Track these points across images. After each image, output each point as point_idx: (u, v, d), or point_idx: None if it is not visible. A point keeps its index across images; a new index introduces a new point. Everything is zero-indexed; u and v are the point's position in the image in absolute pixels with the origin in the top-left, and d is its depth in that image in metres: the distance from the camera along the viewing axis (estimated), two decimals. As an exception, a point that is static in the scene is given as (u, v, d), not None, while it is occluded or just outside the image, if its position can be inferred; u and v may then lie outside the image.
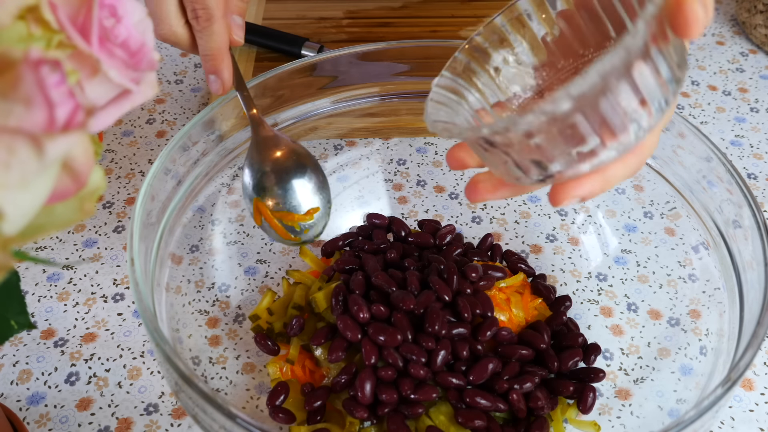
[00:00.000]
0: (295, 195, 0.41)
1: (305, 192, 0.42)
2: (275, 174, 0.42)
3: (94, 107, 0.19)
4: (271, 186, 0.42)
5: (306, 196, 0.42)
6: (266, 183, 0.42)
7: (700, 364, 0.42)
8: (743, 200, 0.39)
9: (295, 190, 0.41)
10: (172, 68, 0.70)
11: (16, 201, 0.17)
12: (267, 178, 0.42)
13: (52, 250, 0.52)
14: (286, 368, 0.43)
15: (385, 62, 0.50)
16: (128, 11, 0.22)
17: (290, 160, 0.42)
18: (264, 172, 0.42)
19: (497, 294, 0.45)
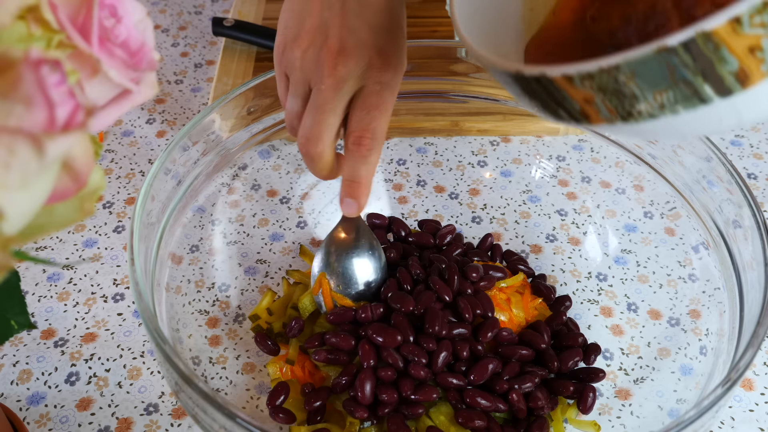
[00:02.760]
0: (356, 285, 0.44)
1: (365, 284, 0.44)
2: (346, 260, 0.44)
3: (94, 107, 0.19)
4: (338, 269, 0.44)
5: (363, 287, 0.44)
6: (336, 265, 0.44)
7: (700, 364, 0.42)
8: (743, 200, 0.39)
9: (358, 283, 0.44)
10: (172, 68, 0.70)
11: (16, 201, 0.17)
12: (339, 260, 0.44)
13: (52, 250, 0.52)
14: (286, 368, 0.43)
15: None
16: (128, 11, 0.22)
17: (364, 253, 0.44)
18: (339, 254, 0.44)
19: (497, 294, 0.45)
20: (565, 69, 0.24)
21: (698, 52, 0.22)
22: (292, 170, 0.54)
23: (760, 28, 0.22)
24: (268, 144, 0.51)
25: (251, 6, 0.74)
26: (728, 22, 0.22)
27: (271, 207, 0.53)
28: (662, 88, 0.24)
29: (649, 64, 0.23)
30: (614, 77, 0.24)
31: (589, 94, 0.25)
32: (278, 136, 0.50)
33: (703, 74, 0.23)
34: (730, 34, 0.22)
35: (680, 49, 0.22)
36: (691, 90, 0.24)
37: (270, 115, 0.48)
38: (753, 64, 0.22)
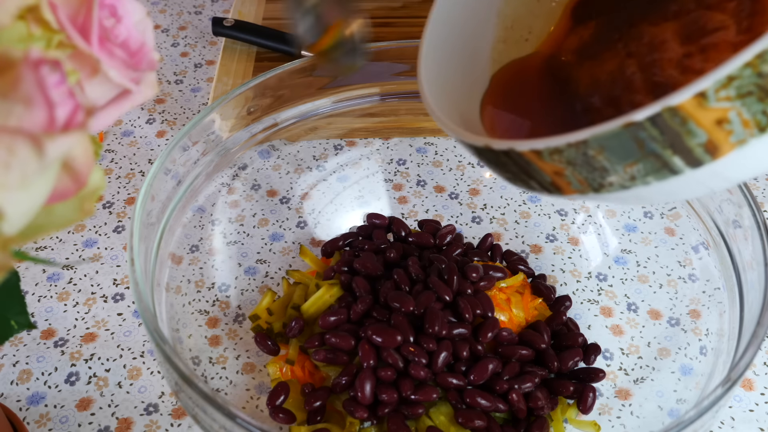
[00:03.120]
0: None
1: None
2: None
3: (94, 107, 0.19)
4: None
5: None
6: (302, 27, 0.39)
7: (700, 364, 0.42)
8: (743, 200, 0.39)
9: None
10: (172, 68, 0.70)
11: (16, 201, 0.17)
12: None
13: (52, 250, 0.52)
14: (286, 368, 0.43)
15: (385, 62, 0.50)
16: (128, 11, 0.22)
17: None
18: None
19: (497, 294, 0.45)
20: (534, 144, 0.25)
21: (665, 126, 0.22)
22: (292, 170, 0.54)
23: (725, 101, 0.22)
24: (268, 144, 0.51)
25: (251, 6, 0.74)
26: (693, 96, 0.22)
27: (271, 207, 0.53)
28: (632, 161, 0.24)
29: (617, 138, 0.23)
30: (583, 152, 0.24)
31: (559, 168, 0.25)
32: (278, 136, 0.50)
33: (672, 147, 0.23)
34: (696, 108, 0.22)
35: (647, 123, 0.22)
36: (660, 162, 0.24)
37: (270, 115, 0.48)
38: (721, 136, 0.23)
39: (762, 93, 0.22)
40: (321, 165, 0.54)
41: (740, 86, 0.21)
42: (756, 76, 0.21)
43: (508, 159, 0.26)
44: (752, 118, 0.22)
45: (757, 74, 0.21)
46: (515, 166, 0.26)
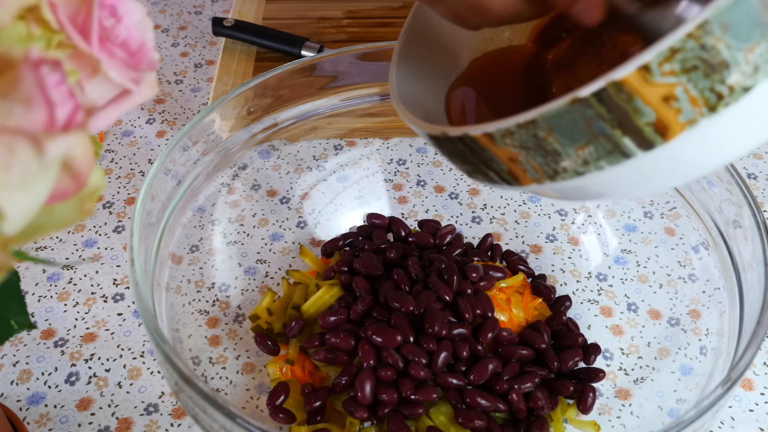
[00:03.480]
0: None
1: None
2: None
3: (94, 107, 0.19)
4: None
5: None
6: None
7: (700, 364, 0.42)
8: (743, 200, 0.39)
9: None
10: (172, 68, 0.70)
11: (16, 201, 0.17)
12: None
13: (52, 250, 0.52)
14: (286, 368, 0.43)
15: (385, 62, 0.50)
16: (128, 11, 0.22)
17: None
18: None
19: (497, 294, 0.45)
20: (485, 128, 0.24)
21: (612, 102, 0.22)
22: (292, 170, 0.54)
23: (671, 76, 0.21)
24: (268, 144, 0.51)
25: (251, 6, 0.74)
26: (637, 70, 0.21)
27: (271, 207, 0.53)
28: (582, 142, 0.23)
29: (565, 117, 0.23)
30: (533, 133, 0.24)
31: (513, 153, 0.25)
32: (278, 136, 0.50)
33: (620, 126, 0.23)
34: (641, 83, 0.21)
35: (593, 100, 0.22)
36: (611, 144, 0.23)
37: (270, 115, 0.48)
38: (670, 115, 0.22)
39: (708, 68, 0.21)
40: (321, 165, 0.54)
41: (684, 59, 0.21)
42: (699, 49, 0.21)
43: (464, 147, 0.26)
44: (700, 96, 0.22)
45: (701, 47, 0.21)
46: (472, 154, 0.26)
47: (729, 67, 0.21)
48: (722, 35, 0.21)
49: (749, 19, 0.20)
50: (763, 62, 0.21)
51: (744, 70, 0.21)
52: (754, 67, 0.21)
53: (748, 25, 0.21)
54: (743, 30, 0.21)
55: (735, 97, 0.21)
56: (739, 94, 0.21)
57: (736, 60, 0.21)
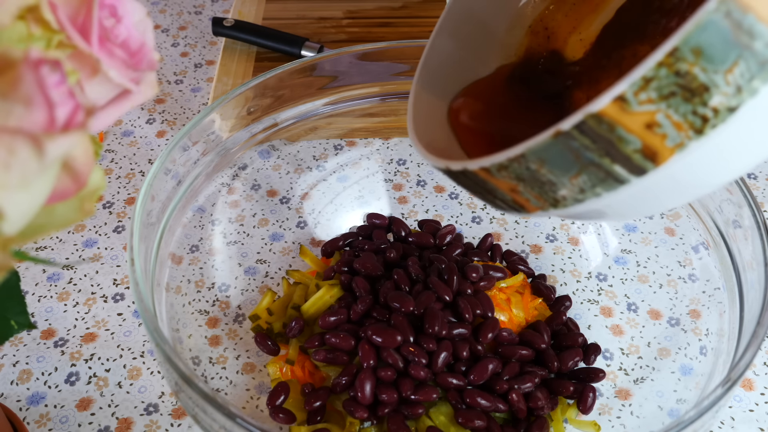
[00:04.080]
0: None
1: None
2: None
3: (94, 107, 0.19)
4: None
5: None
6: None
7: (700, 364, 0.42)
8: (743, 200, 0.39)
9: None
10: (172, 68, 0.69)
11: (16, 201, 0.17)
12: None
13: (52, 250, 0.52)
14: (286, 368, 0.43)
15: (385, 62, 0.50)
16: (128, 11, 0.22)
17: None
18: None
19: (497, 294, 0.45)
20: (481, 162, 0.24)
21: (594, 134, 0.22)
22: (292, 170, 0.54)
23: (649, 104, 0.21)
24: (268, 144, 0.51)
25: (251, 6, 0.74)
26: (613, 101, 0.21)
27: (271, 207, 0.53)
28: (575, 172, 0.23)
29: (552, 149, 0.23)
30: (525, 166, 0.24)
31: (512, 184, 0.25)
32: (278, 136, 0.50)
33: (608, 155, 0.22)
34: (620, 114, 0.21)
35: (575, 132, 0.22)
36: (603, 172, 0.23)
37: (270, 115, 0.48)
38: (656, 141, 0.22)
39: (686, 93, 0.21)
40: (321, 165, 0.54)
41: (659, 87, 0.21)
42: (674, 76, 0.20)
43: (467, 179, 0.26)
44: (683, 120, 0.21)
45: (675, 73, 0.20)
46: (476, 185, 0.26)
47: (709, 90, 0.20)
48: (695, 60, 0.20)
49: (722, 42, 0.20)
50: (746, 82, 0.20)
51: (726, 91, 0.20)
52: (736, 87, 0.20)
53: (722, 47, 0.20)
54: (717, 53, 0.20)
55: (721, 118, 0.21)
56: (726, 115, 0.21)
57: (715, 83, 0.20)
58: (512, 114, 0.33)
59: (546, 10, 0.35)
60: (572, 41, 0.35)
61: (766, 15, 0.19)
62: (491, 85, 0.35)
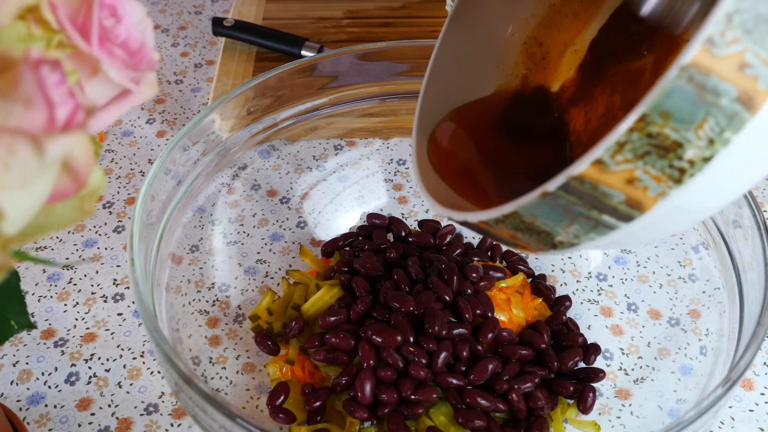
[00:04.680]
0: None
1: None
2: None
3: (94, 107, 0.19)
4: None
5: None
6: None
7: (700, 364, 0.42)
8: (743, 200, 0.39)
9: None
10: (172, 68, 0.70)
11: (16, 201, 0.17)
12: None
13: (52, 250, 0.52)
14: (286, 368, 0.43)
15: (385, 62, 0.50)
16: (128, 11, 0.22)
17: None
18: None
19: (497, 294, 0.45)
20: (479, 216, 0.26)
21: (578, 192, 0.23)
22: (292, 170, 0.54)
23: (626, 163, 0.22)
24: (268, 144, 0.51)
25: (251, 6, 0.74)
26: (592, 165, 0.22)
27: (271, 207, 0.53)
28: (567, 223, 0.24)
29: (542, 207, 0.24)
30: (520, 220, 0.25)
31: (511, 233, 0.26)
32: (278, 136, 0.50)
33: (596, 208, 0.23)
34: (600, 174, 0.22)
35: (561, 192, 0.23)
36: (593, 221, 0.24)
37: (270, 115, 0.48)
38: (638, 193, 0.23)
39: (661, 150, 0.22)
40: (321, 165, 0.55)
41: (634, 149, 0.22)
42: (646, 138, 0.21)
43: (470, 226, 0.28)
44: (661, 173, 0.22)
45: (647, 136, 0.21)
46: (480, 231, 0.28)
47: (682, 146, 0.21)
48: (665, 122, 0.21)
49: (688, 103, 0.21)
50: (717, 135, 0.21)
51: (698, 144, 0.21)
52: (707, 140, 0.21)
53: (689, 108, 0.21)
54: (685, 113, 0.21)
55: (698, 167, 0.22)
56: (702, 165, 0.22)
57: (688, 139, 0.21)
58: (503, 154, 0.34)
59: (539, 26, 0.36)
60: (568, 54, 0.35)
61: (727, 74, 0.20)
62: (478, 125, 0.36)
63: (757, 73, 0.20)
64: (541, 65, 0.36)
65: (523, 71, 0.36)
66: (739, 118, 0.21)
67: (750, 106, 0.21)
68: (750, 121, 0.21)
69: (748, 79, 0.20)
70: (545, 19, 0.36)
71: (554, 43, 0.36)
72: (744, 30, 0.20)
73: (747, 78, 0.20)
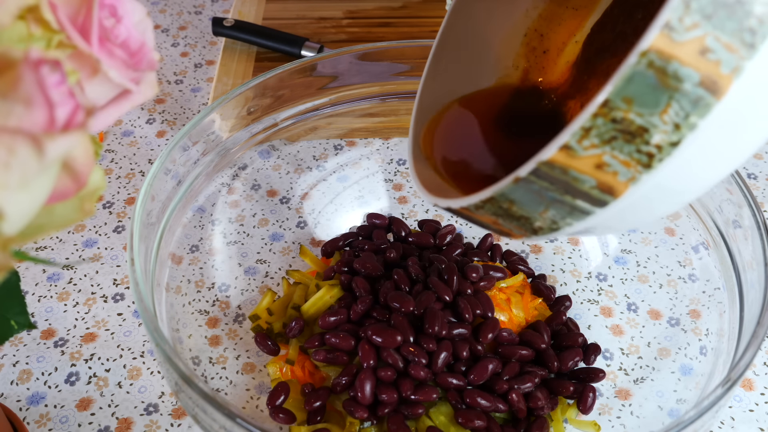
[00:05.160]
0: None
1: None
2: None
3: (94, 107, 0.19)
4: None
5: None
6: None
7: (700, 364, 0.42)
8: (743, 200, 0.39)
9: None
10: (172, 68, 0.70)
11: (16, 201, 0.17)
12: None
13: (52, 250, 0.52)
14: (286, 368, 0.43)
15: (385, 62, 0.50)
16: (128, 11, 0.22)
17: None
18: None
19: (497, 294, 0.45)
20: (460, 202, 0.27)
21: (550, 177, 0.23)
22: (292, 170, 0.54)
23: (593, 149, 0.22)
24: (268, 144, 0.51)
25: (251, 6, 0.74)
26: (559, 150, 0.22)
27: (271, 207, 0.53)
28: (542, 209, 0.25)
29: (517, 192, 0.24)
30: (498, 205, 0.25)
31: (492, 218, 0.27)
32: (278, 136, 0.50)
33: (569, 193, 0.24)
34: (569, 159, 0.23)
35: (532, 177, 0.23)
36: (568, 207, 0.24)
37: (270, 115, 0.48)
38: (609, 178, 0.23)
39: (627, 135, 0.22)
40: (321, 165, 0.55)
41: (600, 134, 0.22)
42: (611, 123, 0.22)
43: (457, 213, 0.28)
44: (630, 158, 0.22)
45: (611, 121, 0.21)
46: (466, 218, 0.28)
47: (648, 130, 0.22)
48: (628, 107, 0.21)
49: (650, 88, 0.21)
50: (682, 119, 0.21)
51: (664, 129, 0.22)
52: (673, 125, 0.21)
53: (652, 93, 0.21)
54: (648, 98, 0.21)
55: (666, 152, 0.22)
56: (670, 149, 0.22)
57: (653, 123, 0.21)
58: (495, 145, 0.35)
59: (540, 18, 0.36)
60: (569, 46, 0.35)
61: (688, 60, 0.21)
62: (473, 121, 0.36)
63: (719, 58, 0.20)
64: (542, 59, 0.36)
65: (524, 64, 0.36)
66: (704, 102, 0.21)
67: (714, 90, 0.21)
68: (716, 105, 0.21)
69: (711, 64, 0.20)
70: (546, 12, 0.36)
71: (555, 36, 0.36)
72: (703, 15, 0.20)
73: (709, 63, 0.20)
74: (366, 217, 0.52)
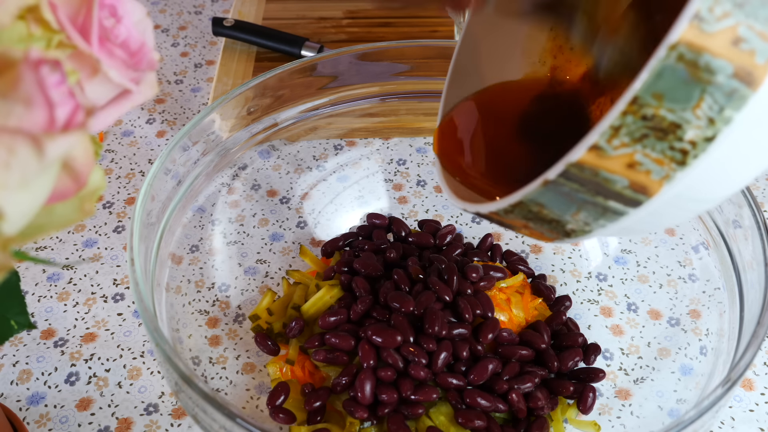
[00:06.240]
0: None
1: None
2: None
3: (94, 107, 0.19)
4: None
5: None
6: None
7: (700, 364, 0.42)
8: (743, 200, 0.39)
9: None
10: (172, 68, 0.70)
11: (16, 201, 0.17)
12: None
13: (52, 250, 0.52)
14: (286, 368, 0.43)
15: (385, 62, 0.50)
16: (128, 11, 0.22)
17: None
18: None
19: (497, 294, 0.45)
20: (489, 207, 0.26)
21: (580, 179, 0.23)
22: (292, 170, 0.54)
23: (624, 147, 0.21)
24: (268, 144, 0.51)
25: (251, 6, 0.74)
26: (589, 151, 0.22)
27: (271, 207, 0.53)
28: (574, 211, 0.24)
29: (546, 195, 0.24)
30: (527, 209, 0.25)
31: (522, 222, 0.26)
32: (278, 136, 0.50)
33: (600, 194, 0.23)
34: (599, 159, 0.22)
35: (561, 179, 0.23)
36: (600, 208, 0.24)
37: (270, 115, 0.48)
38: (642, 177, 0.22)
39: (659, 133, 0.21)
40: (321, 165, 0.55)
41: (630, 132, 0.21)
42: (642, 120, 0.21)
43: (487, 218, 0.27)
44: (663, 156, 0.22)
45: (642, 118, 0.21)
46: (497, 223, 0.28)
47: (681, 126, 0.21)
48: (659, 104, 0.20)
49: (681, 83, 0.20)
50: (717, 113, 0.21)
51: (698, 125, 0.21)
52: (707, 120, 0.21)
53: (683, 87, 0.20)
54: (680, 93, 0.20)
55: (701, 148, 0.21)
56: (705, 145, 0.21)
57: (686, 119, 0.21)
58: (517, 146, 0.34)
59: None
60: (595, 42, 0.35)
61: (721, 51, 0.20)
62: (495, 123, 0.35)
63: (753, 47, 0.20)
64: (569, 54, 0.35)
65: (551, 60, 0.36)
66: (739, 94, 0.20)
67: (749, 81, 0.20)
68: (752, 97, 0.20)
69: (745, 54, 0.20)
70: None
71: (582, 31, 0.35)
72: (734, 4, 0.19)
73: (743, 53, 0.20)
74: (366, 217, 0.52)
